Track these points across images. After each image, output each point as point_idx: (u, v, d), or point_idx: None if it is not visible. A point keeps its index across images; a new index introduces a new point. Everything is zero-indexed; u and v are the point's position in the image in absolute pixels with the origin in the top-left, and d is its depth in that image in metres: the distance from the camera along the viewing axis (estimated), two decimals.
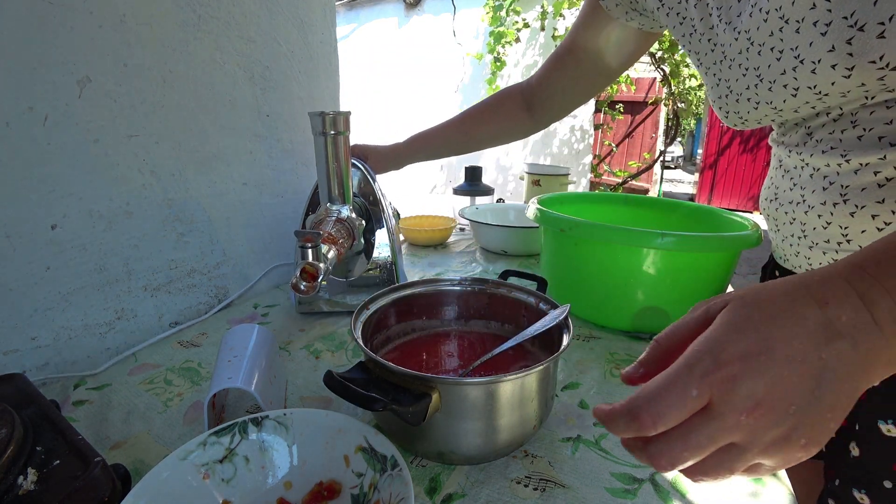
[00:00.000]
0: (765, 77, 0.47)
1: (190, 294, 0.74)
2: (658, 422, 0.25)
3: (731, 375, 0.24)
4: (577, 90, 0.79)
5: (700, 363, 0.25)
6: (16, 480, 0.31)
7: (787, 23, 0.42)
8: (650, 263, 0.63)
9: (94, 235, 0.60)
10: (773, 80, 0.46)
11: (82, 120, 0.57)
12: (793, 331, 0.25)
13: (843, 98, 0.42)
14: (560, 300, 0.52)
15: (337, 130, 0.61)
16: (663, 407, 0.25)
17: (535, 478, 0.42)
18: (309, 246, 0.50)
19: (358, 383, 0.37)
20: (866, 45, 0.37)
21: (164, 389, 0.55)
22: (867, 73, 0.38)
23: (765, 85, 0.47)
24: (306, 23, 0.90)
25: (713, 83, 0.54)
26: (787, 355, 0.24)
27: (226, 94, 0.76)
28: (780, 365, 0.24)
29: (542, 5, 3.45)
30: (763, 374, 0.24)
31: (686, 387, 0.24)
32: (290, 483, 0.38)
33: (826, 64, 0.40)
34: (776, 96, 0.47)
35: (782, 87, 0.45)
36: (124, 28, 0.60)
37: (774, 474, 0.43)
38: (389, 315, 0.55)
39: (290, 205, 0.92)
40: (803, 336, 0.25)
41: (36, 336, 0.56)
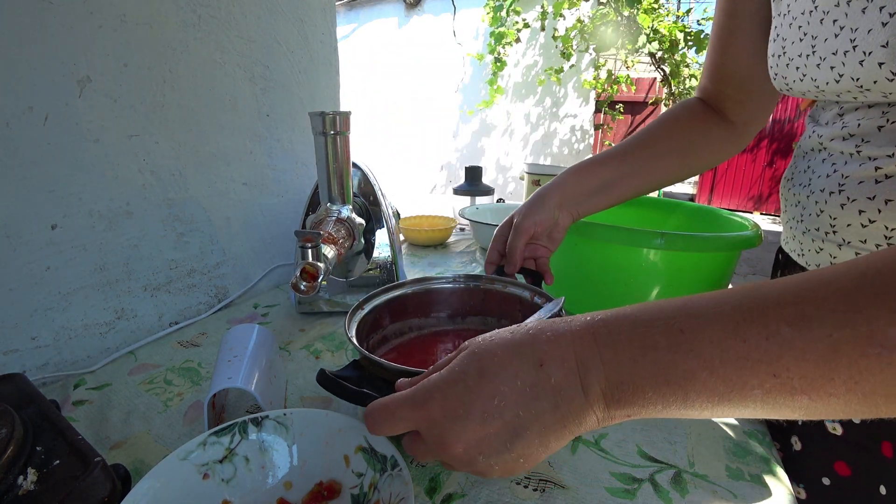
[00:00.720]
0: (818, 51, 0.42)
1: (190, 294, 0.74)
2: (375, 431, 0.32)
3: (430, 419, 0.29)
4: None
5: (414, 399, 0.30)
6: (16, 480, 0.31)
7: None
8: (650, 263, 0.63)
9: (94, 235, 0.60)
10: (822, 58, 0.41)
11: (82, 120, 0.57)
12: (499, 388, 0.28)
13: (884, 97, 0.39)
14: (568, 304, 0.52)
15: (337, 130, 0.61)
16: (381, 424, 0.31)
17: (535, 478, 0.42)
18: (309, 246, 0.50)
19: (351, 381, 0.37)
20: None
21: (163, 389, 0.55)
22: None
23: (814, 59, 0.42)
24: (306, 23, 0.90)
25: (773, 35, 0.48)
26: (484, 413, 0.28)
27: (226, 94, 0.76)
28: (473, 422, 0.28)
29: (542, 5, 3.45)
30: (454, 427, 0.28)
31: (397, 416, 0.30)
32: (290, 483, 0.38)
33: (874, 59, 0.36)
34: (821, 75, 0.42)
35: (829, 69, 0.41)
36: (124, 28, 0.60)
37: (775, 474, 0.43)
38: (384, 315, 0.55)
39: (290, 205, 0.92)
40: (508, 393, 0.27)
41: (36, 336, 0.56)
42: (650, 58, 3.65)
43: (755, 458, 0.45)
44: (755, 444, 0.47)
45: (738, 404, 0.24)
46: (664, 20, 3.21)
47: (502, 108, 3.99)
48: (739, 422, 0.51)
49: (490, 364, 0.29)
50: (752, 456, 0.46)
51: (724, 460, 0.45)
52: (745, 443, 0.47)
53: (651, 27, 3.15)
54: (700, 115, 0.63)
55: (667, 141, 0.63)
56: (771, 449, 0.47)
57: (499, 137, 4.11)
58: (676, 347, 0.25)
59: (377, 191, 0.76)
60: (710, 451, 0.46)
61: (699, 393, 0.24)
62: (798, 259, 0.52)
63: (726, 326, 0.24)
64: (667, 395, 0.25)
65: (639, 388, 0.26)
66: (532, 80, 3.81)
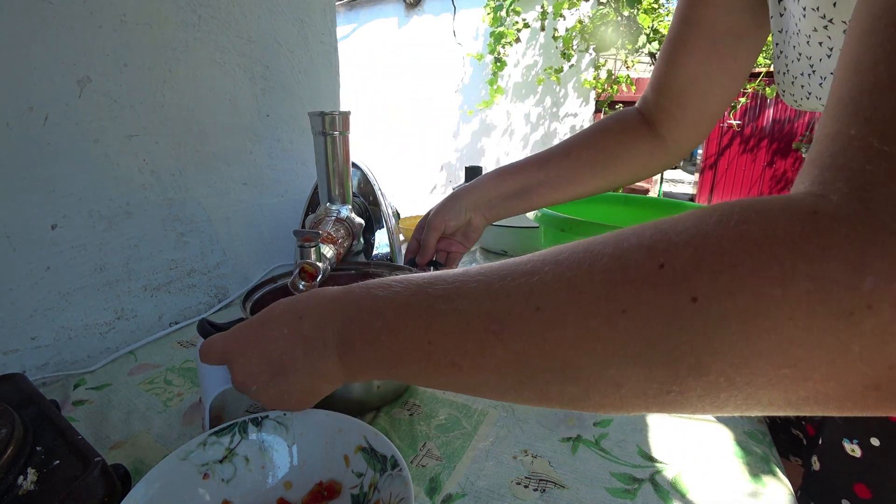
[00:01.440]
0: (817, 70, 0.40)
1: (190, 294, 0.74)
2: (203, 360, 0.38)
3: (228, 352, 0.36)
4: (714, 76, 0.55)
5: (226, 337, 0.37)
6: (16, 480, 0.31)
7: (831, 22, 0.36)
8: None
9: (94, 235, 0.60)
10: (823, 77, 0.40)
11: (82, 120, 0.57)
12: (271, 334, 0.34)
13: None
14: None
15: (337, 130, 0.61)
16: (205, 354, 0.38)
17: (535, 478, 0.42)
18: (308, 245, 0.50)
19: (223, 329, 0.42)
20: None
21: (163, 389, 0.55)
22: None
23: (816, 78, 0.41)
24: (306, 23, 0.90)
25: (776, 52, 0.47)
26: (258, 352, 0.34)
27: (226, 94, 0.76)
28: (249, 358, 0.35)
29: (542, 5, 3.45)
30: (238, 360, 0.35)
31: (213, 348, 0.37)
32: (290, 483, 0.38)
33: None
34: (825, 93, 0.40)
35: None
36: (124, 28, 0.60)
37: (774, 474, 0.43)
38: (280, 297, 0.57)
39: (290, 205, 0.92)
40: (276, 339, 0.34)
41: (36, 336, 0.56)
42: (650, 58, 3.65)
43: (755, 458, 0.45)
44: (755, 444, 0.47)
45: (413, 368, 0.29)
46: (664, 20, 3.21)
47: (502, 108, 3.99)
48: (740, 422, 0.51)
49: (271, 315, 0.35)
50: (752, 456, 0.46)
51: (724, 460, 0.45)
52: (745, 443, 0.47)
53: (651, 27, 3.15)
54: (631, 127, 0.62)
55: (588, 151, 0.62)
56: (771, 449, 0.47)
57: (499, 137, 4.11)
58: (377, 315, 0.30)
59: (377, 191, 0.76)
60: (710, 452, 0.46)
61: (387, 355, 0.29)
62: None
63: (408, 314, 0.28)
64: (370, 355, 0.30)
65: (354, 344, 0.31)
66: (532, 80, 3.81)
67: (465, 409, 0.52)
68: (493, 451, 0.46)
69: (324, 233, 0.57)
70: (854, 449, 0.46)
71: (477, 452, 0.45)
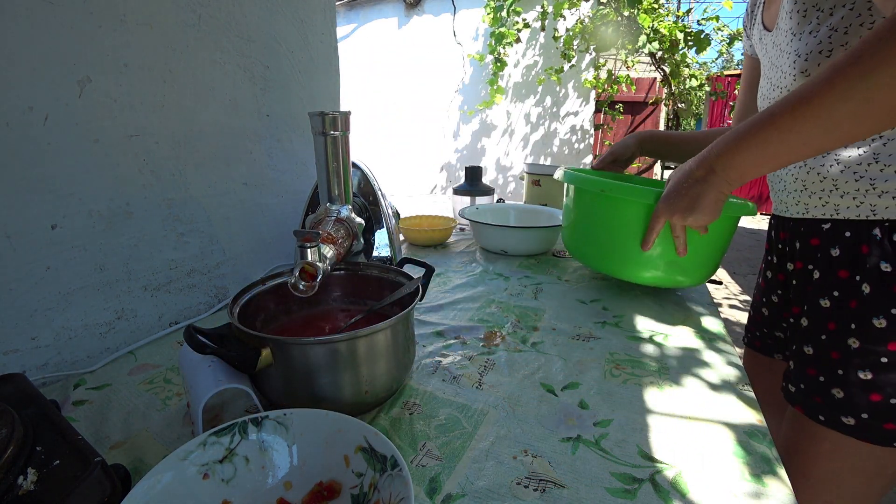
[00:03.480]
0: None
1: (190, 294, 0.74)
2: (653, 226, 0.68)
3: (662, 203, 0.65)
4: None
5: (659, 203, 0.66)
6: (16, 480, 0.31)
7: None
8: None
9: (94, 235, 0.60)
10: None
11: (82, 120, 0.57)
12: (683, 180, 0.61)
13: None
14: (588, 259, 0.82)
15: (337, 130, 0.61)
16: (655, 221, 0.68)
17: (535, 478, 0.42)
18: (308, 246, 0.50)
19: (212, 338, 0.45)
20: None
21: (163, 389, 0.55)
22: None
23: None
24: (306, 23, 0.90)
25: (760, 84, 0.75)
26: (681, 193, 0.62)
27: (226, 94, 0.76)
28: (680, 197, 0.62)
29: (542, 5, 3.45)
30: (670, 205, 0.63)
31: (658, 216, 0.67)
32: (290, 483, 0.38)
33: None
34: None
35: None
36: (124, 28, 0.60)
37: (774, 474, 0.43)
38: (269, 300, 0.58)
39: (290, 205, 0.92)
40: (687, 183, 0.61)
41: (36, 336, 0.56)
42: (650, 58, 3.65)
43: (755, 458, 0.45)
44: (756, 444, 0.47)
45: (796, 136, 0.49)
46: (664, 20, 3.20)
47: (502, 108, 3.99)
48: (740, 422, 0.51)
49: (677, 177, 0.63)
50: (752, 456, 0.46)
51: (724, 460, 0.45)
52: (745, 443, 0.47)
53: (651, 27, 3.14)
54: None
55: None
56: (771, 449, 0.47)
57: (499, 137, 4.11)
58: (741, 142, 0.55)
59: (377, 191, 0.76)
60: (711, 451, 0.46)
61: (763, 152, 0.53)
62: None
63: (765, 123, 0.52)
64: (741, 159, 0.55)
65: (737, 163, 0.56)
66: (532, 80, 3.81)
67: (465, 409, 0.52)
68: (492, 451, 0.46)
69: (324, 233, 0.57)
70: (882, 322, 0.57)
71: (477, 452, 0.45)
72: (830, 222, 0.63)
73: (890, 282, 0.56)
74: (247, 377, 0.47)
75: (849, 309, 0.59)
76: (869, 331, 0.57)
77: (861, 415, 0.58)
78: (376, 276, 0.63)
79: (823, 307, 0.63)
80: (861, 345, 0.58)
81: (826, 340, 0.62)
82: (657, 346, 0.67)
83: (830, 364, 0.61)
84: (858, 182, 0.59)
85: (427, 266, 0.63)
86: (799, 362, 0.66)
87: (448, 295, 0.84)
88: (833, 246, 0.62)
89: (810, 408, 0.63)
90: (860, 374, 0.58)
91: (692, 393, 0.56)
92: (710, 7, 10.93)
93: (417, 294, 0.54)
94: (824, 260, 0.64)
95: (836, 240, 0.62)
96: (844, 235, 0.61)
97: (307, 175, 0.95)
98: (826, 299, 0.63)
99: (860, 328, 0.58)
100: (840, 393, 0.59)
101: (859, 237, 0.59)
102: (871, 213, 0.58)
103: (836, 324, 0.61)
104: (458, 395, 0.55)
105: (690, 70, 3.77)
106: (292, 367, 0.46)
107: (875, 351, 0.57)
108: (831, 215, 0.63)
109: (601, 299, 0.83)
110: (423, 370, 0.60)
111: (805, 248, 0.68)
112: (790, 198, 0.69)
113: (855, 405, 0.58)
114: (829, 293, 0.62)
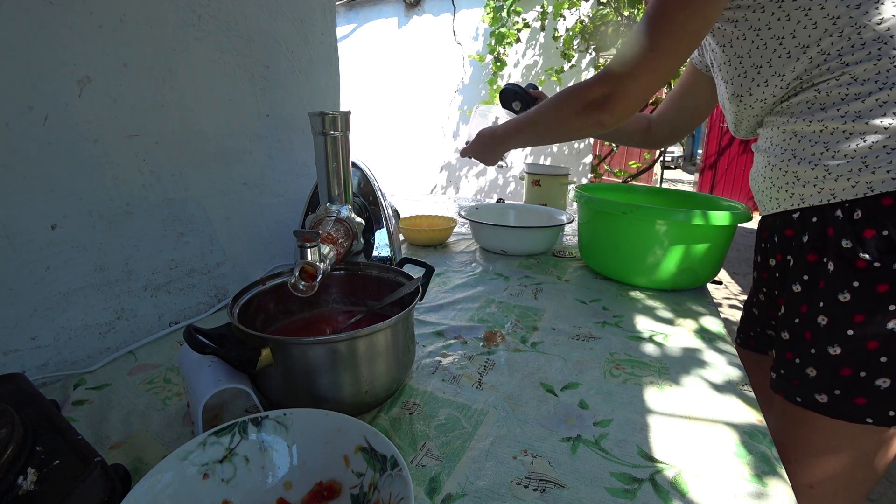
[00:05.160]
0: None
1: (190, 294, 0.74)
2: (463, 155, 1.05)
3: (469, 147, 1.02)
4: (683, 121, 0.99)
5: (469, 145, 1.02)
6: (16, 480, 0.31)
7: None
8: (682, 235, 0.82)
9: (94, 235, 0.60)
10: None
11: (82, 120, 0.57)
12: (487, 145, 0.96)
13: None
14: (609, 270, 0.92)
15: (337, 130, 0.61)
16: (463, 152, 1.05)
17: (535, 478, 0.42)
18: (308, 245, 0.50)
19: (212, 338, 0.45)
20: None
21: (163, 389, 0.55)
22: None
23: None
24: (306, 23, 0.90)
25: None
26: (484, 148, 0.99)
27: (226, 94, 0.76)
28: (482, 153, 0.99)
29: (542, 5, 3.45)
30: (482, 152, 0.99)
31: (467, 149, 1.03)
32: (290, 483, 0.38)
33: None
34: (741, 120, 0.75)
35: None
36: (124, 28, 0.60)
37: (776, 474, 0.43)
38: (269, 300, 0.58)
39: (290, 205, 0.92)
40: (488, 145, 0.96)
41: (36, 336, 0.56)
42: None
43: (755, 457, 0.45)
44: (755, 444, 0.47)
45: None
46: None
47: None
48: (740, 422, 0.51)
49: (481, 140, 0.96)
50: (752, 456, 0.46)
51: (724, 460, 0.45)
52: (745, 442, 0.47)
53: None
54: (641, 121, 1.04)
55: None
56: (771, 449, 0.47)
57: None
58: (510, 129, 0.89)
59: (377, 191, 0.76)
60: (710, 451, 0.46)
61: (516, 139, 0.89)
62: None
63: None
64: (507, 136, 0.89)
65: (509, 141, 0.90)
66: (532, 79, 3.81)
67: (464, 409, 0.52)
68: (492, 451, 0.46)
69: (324, 233, 0.57)
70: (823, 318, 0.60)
71: (477, 452, 0.45)
72: (799, 211, 0.65)
73: (850, 257, 0.57)
74: (247, 377, 0.47)
75: (817, 289, 0.61)
76: (835, 306, 0.58)
77: (834, 391, 0.59)
78: (376, 276, 0.63)
79: (796, 292, 0.65)
80: (829, 321, 0.59)
81: (799, 323, 0.64)
82: (657, 346, 0.67)
83: (804, 344, 0.62)
84: (815, 170, 0.61)
85: (427, 266, 0.63)
86: (779, 349, 0.67)
87: (448, 295, 0.84)
88: (804, 233, 0.64)
89: (789, 392, 0.64)
90: (829, 350, 0.59)
91: (692, 393, 0.56)
92: None
93: (417, 294, 0.54)
94: (796, 247, 0.66)
95: (805, 227, 0.64)
96: (812, 221, 0.63)
97: (307, 175, 0.95)
98: (797, 284, 0.64)
99: (827, 305, 0.59)
100: (813, 371, 0.61)
101: (825, 221, 0.61)
102: (831, 198, 0.60)
103: (807, 306, 0.62)
104: (458, 395, 0.55)
105: None
106: (292, 367, 0.46)
107: (842, 325, 0.58)
108: (798, 205, 0.65)
109: (601, 299, 0.83)
110: (423, 370, 0.60)
111: (782, 240, 0.70)
112: (764, 196, 0.71)
113: (827, 382, 0.60)
114: (800, 278, 0.64)
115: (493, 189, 4.27)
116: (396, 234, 0.80)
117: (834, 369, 0.59)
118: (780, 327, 0.68)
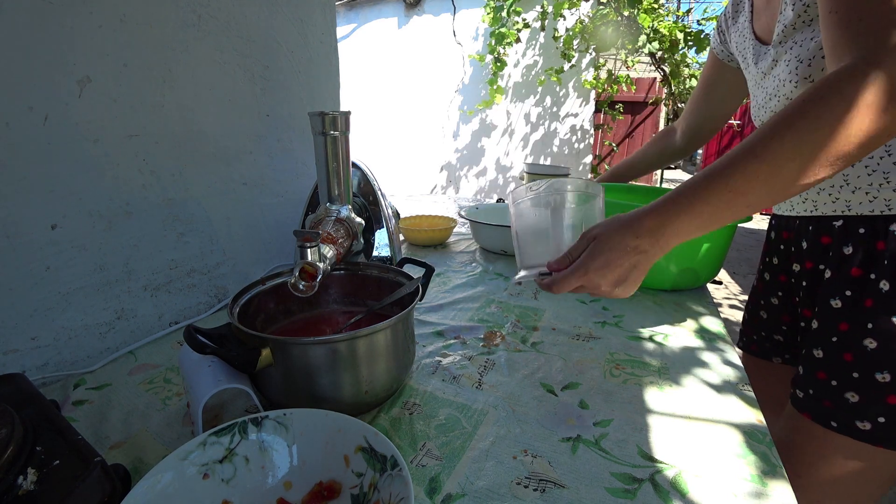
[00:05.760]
0: (769, 110, 0.68)
1: (190, 294, 0.74)
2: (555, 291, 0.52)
3: (588, 277, 0.50)
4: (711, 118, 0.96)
5: (575, 270, 0.50)
6: (16, 480, 0.31)
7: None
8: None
9: (94, 235, 0.60)
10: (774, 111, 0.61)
11: (82, 120, 0.57)
12: (618, 252, 0.49)
13: None
14: None
15: (337, 130, 0.61)
16: (560, 286, 0.51)
17: (535, 478, 0.42)
18: (308, 245, 0.50)
19: (212, 338, 0.45)
20: None
21: (163, 389, 0.55)
22: None
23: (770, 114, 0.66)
24: (306, 23, 0.90)
25: (753, 104, 0.73)
26: (614, 263, 0.49)
27: (226, 94, 0.76)
28: (610, 270, 0.49)
29: (542, 5, 3.45)
30: (603, 275, 0.49)
31: (569, 281, 0.51)
32: (290, 483, 0.38)
33: None
34: None
35: None
36: (124, 28, 0.60)
37: (776, 474, 0.43)
38: (269, 300, 0.58)
39: (290, 205, 0.92)
40: (622, 252, 0.49)
41: (36, 336, 0.56)
42: (650, 58, 3.65)
43: (756, 457, 0.45)
44: (755, 444, 0.47)
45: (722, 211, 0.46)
46: (664, 20, 3.20)
47: (502, 108, 3.99)
48: (740, 422, 0.51)
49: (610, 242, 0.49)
50: (752, 456, 0.46)
51: (724, 460, 0.45)
52: (745, 442, 0.47)
53: (651, 27, 3.14)
54: (670, 134, 1.05)
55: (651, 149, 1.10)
56: (771, 449, 0.47)
57: (499, 137, 4.11)
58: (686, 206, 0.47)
59: (377, 191, 0.76)
60: (710, 451, 0.46)
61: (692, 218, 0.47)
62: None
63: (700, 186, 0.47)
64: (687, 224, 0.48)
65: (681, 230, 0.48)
66: (532, 80, 3.80)
67: (464, 409, 0.52)
68: (492, 451, 0.46)
69: (324, 233, 0.57)
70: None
71: (477, 452, 0.45)
72: (842, 219, 0.60)
73: None
74: (247, 377, 0.47)
75: (864, 308, 0.57)
76: (889, 330, 0.55)
77: (878, 418, 0.56)
78: (376, 276, 0.63)
79: (834, 307, 0.60)
80: (879, 345, 0.55)
81: (837, 342, 0.59)
82: (657, 346, 0.67)
83: (843, 367, 0.58)
84: (871, 176, 0.56)
85: (427, 266, 0.63)
86: (808, 367, 0.63)
87: (448, 295, 0.84)
88: (846, 243, 0.60)
89: (820, 413, 0.61)
90: (878, 376, 0.55)
91: (692, 393, 0.56)
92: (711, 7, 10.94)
93: (417, 294, 0.54)
94: (836, 258, 0.61)
95: (848, 237, 0.59)
96: (858, 232, 0.58)
97: (307, 175, 0.95)
98: (837, 299, 0.60)
99: (878, 327, 0.55)
100: (855, 396, 0.57)
101: (875, 233, 0.57)
102: (885, 209, 0.56)
103: (848, 324, 0.58)
104: (458, 395, 0.55)
105: (690, 70, 3.77)
106: (292, 367, 0.46)
107: (895, 350, 0.54)
108: (843, 212, 0.60)
109: (601, 299, 0.83)
110: (423, 370, 0.60)
111: (814, 246, 0.66)
112: (796, 196, 0.65)
113: (871, 409, 0.56)
114: (840, 293, 0.60)
115: (493, 189, 4.27)
116: (396, 234, 0.80)
117: (881, 396, 0.55)
118: (810, 343, 0.63)
